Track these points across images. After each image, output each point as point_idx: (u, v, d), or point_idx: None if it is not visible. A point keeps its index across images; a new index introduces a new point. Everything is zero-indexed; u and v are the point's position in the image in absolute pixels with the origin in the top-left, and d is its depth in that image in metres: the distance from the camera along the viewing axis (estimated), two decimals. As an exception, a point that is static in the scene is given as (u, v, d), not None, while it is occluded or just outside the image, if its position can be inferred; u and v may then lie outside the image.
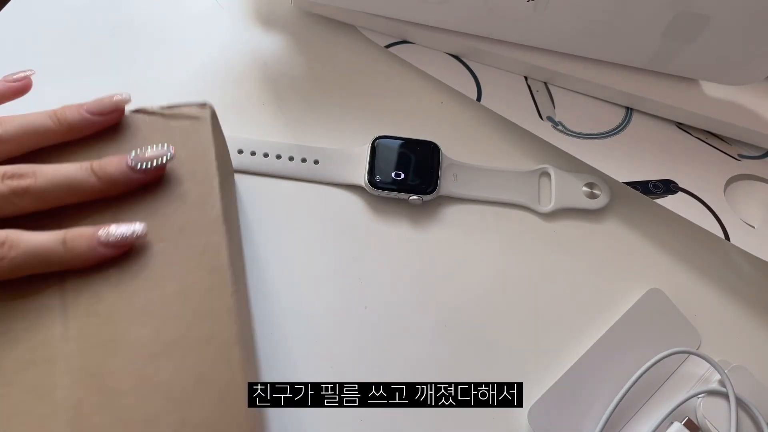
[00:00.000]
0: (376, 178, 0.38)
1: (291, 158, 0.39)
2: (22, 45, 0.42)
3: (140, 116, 0.29)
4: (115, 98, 0.28)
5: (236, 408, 0.24)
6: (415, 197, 0.38)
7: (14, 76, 0.29)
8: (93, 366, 0.23)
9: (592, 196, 0.39)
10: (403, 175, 0.38)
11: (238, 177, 0.39)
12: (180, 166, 0.28)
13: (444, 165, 0.39)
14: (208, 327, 0.24)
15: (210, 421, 0.23)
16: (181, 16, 0.44)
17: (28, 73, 0.29)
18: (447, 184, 0.39)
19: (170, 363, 0.24)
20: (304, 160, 0.39)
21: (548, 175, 0.40)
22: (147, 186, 0.27)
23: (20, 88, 0.29)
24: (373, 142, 0.39)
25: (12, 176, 0.24)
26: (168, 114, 0.30)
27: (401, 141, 0.39)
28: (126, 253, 0.25)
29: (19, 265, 0.24)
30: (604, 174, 0.38)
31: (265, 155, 0.39)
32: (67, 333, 0.24)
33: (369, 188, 0.38)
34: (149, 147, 0.27)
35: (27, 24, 0.43)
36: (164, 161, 0.27)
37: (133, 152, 0.26)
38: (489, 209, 0.39)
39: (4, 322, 0.24)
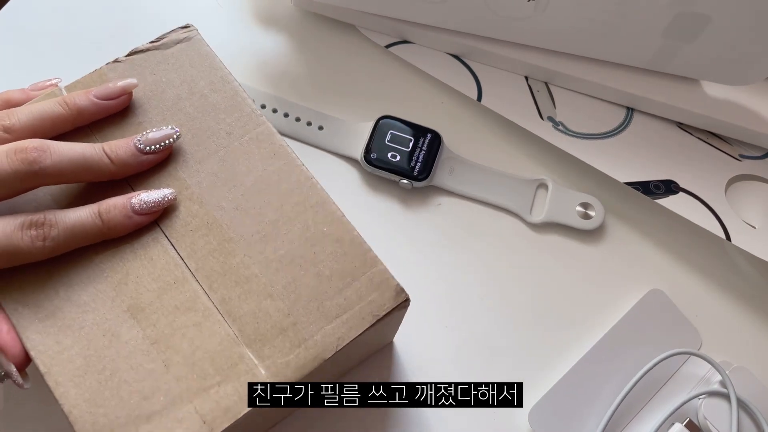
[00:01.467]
0: (371, 156, 0.38)
1: (297, 119, 0.40)
2: (22, 45, 0.42)
3: (137, 56, 0.30)
4: (121, 83, 0.28)
5: (357, 247, 0.27)
6: (405, 181, 0.38)
7: (39, 85, 0.29)
8: (218, 268, 0.26)
9: (586, 216, 0.38)
10: (398, 158, 0.38)
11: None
12: (197, 82, 0.30)
13: (443, 156, 0.39)
14: (297, 198, 0.28)
15: (340, 266, 0.26)
16: (180, 16, 0.44)
17: (54, 81, 0.29)
18: (442, 176, 0.39)
19: (283, 238, 0.27)
20: (309, 124, 0.40)
21: (546, 186, 0.39)
22: (178, 118, 0.29)
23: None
24: (378, 121, 0.39)
25: (25, 150, 0.24)
26: (160, 45, 0.30)
27: (405, 125, 0.39)
28: (192, 169, 0.28)
29: (60, 243, 0.25)
30: (603, 185, 0.38)
31: (274, 111, 0.40)
32: (180, 253, 0.26)
33: (363, 164, 0.38)
34: (155, 129, 0.27)
35: (27, 24, 0.43)
36: (172, 141, 0.27)
37: (141, 136, 0.27)
38: (478, 208, 0.39)
39: (120, 268, 0.26)
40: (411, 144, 0.39)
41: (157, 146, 0.27)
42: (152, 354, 0.24)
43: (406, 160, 0.38)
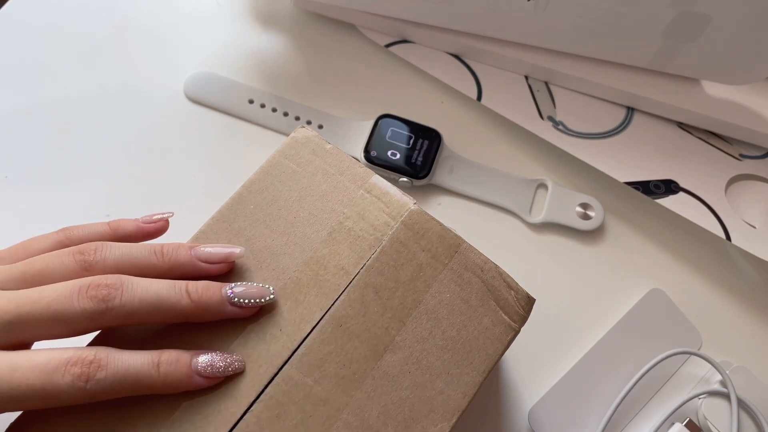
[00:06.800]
0: (371, 153, 0.38)
1: (297, 118, 0.40)
2: (22, 45, 0.42)
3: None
4: (227, 250, 0.26)
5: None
6: (404, 179, 0.38)
7: (151, 218, 0.27)
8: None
9: (585, 217, 0.38)
10: (398, 156, 0.38)
11: (243, 125, 0.40)
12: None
13: (443, 155, 0.39)
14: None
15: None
16: (180, 16, 0.44)
17: (166, 215, 0.28)
18: (442, 175, 0.39)
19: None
20: (309, 122, 0.40)
21: (545, 186, 0.39)
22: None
23: (154, 231, 0.27)
24: (378, 119, 0.39)
25: (98, 286, 0.22)
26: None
27: (405, 123, 0.39)
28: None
29: (105, 388, 0.21)
30: (603, 185, 0.38)
31: (274, 110, 0.40)
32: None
33: (363, 162, 0.38)
34: (250, 284, 0.25)
35: (27, 24, 0.43)
36: (264, 302, 0.25)
37: (234, 286, 0.25)
38: (478, 208, 0.39)
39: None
40: (411, 142, 0.39)
41: (248, 302, 0.25)
42: None
43: (406, 159, 0.38)
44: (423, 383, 0.25)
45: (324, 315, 0.25)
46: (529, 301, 0.27)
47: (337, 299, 0.26)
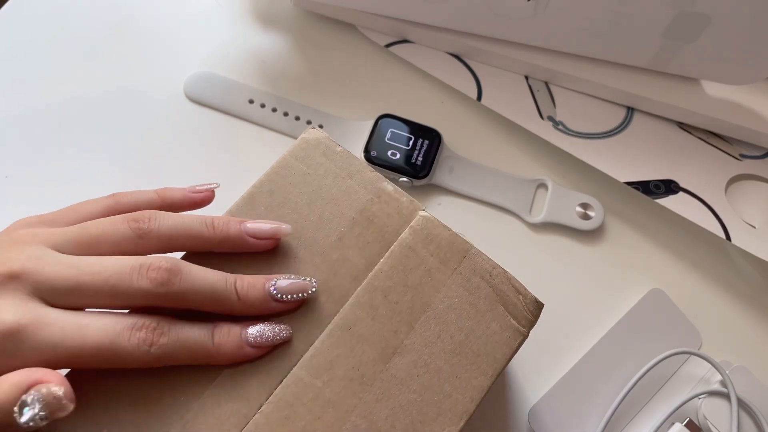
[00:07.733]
0: (371, 153, 0.38)
1: (297, 118, 0.40)
2: (22, 45, 0.42)
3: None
4: (274, 226, 0.26)
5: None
6: (405, 179, 0.38)
7: (197, 188, 0.28)
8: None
9: (585, 216, 0.38)
10: (398, 155, 0.38)
11: (243, 125, 0.40)
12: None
13: (443, 155, 0.39)
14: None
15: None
16: (180, 16, 0.44)
17: (212, 186, 0.28)
18: (442, 175, 0.39)
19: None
20: (309, 122, 0.40)
21: (545, 186, 0.39)
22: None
23: (200, 201, 0.28)
24: (378, 119, 0.39)
25: (158, 269, 0.23)
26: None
27: (405, 123, 0.39)
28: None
29: (167, 353, 0.23)
30: (603, 185, 0.38)
31: (274, 110, 0.40)
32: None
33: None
34: (294, 278, 0.25)
35: (27, 24, 0.43)
36: (306, 295, 0.25)
37: (277, 281, 0.25)
38: (478, 208, 0.39)
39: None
40: (411, 142, 0.39)
41: (291, 297, 0.25)
42: None
43: (406, 159, 0.38)
44: (431, 387, 0.25)
45: (333, 318, 0.25)
46: (538, 306, 0.27)
47: (346, 302, 0.26)
